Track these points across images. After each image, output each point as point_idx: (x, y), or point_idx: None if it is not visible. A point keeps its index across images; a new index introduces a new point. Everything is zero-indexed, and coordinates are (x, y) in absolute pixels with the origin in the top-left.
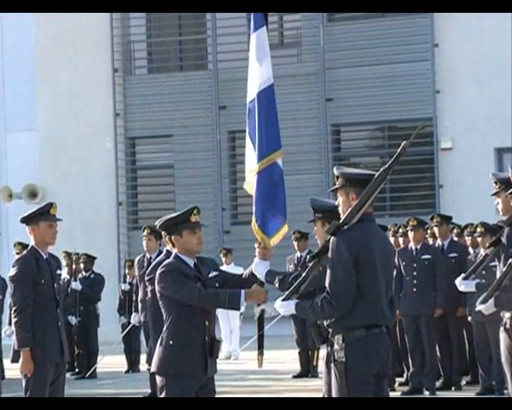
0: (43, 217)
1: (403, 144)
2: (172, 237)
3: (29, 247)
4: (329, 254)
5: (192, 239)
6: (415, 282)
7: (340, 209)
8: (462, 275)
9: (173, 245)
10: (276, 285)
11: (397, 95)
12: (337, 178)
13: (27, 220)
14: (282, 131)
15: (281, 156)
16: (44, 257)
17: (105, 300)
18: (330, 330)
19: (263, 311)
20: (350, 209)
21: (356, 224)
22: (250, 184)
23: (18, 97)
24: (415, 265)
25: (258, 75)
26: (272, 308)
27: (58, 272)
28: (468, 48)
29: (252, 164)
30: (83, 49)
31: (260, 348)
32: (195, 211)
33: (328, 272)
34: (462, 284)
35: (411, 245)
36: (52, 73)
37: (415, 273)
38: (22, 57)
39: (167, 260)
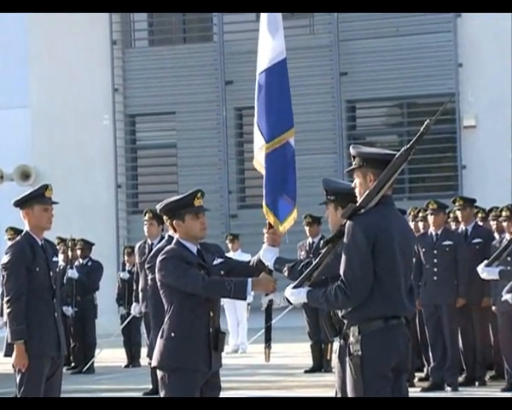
0: (38, 200)
1: (426, 122)
2: (174, 222)
3: (23, 232)
4: (345, 240)
5: (195, 224)
6: (435, 270)
7: (357, 192)
8: (485, 262)
9: (175, 230)
10: (285, 273)
11: (417, 69)
12: (354, 157)
13: (21, 204)
14: (293, 108)
15: (293, 135)
16: (40, 243)
17: (103, 289)
18: (345, 321)
19: (271, 301)
20: (367, 192)
21: (374, 207)
22: (259, 162)
23: (9, 72)
24: (435, 251)
25: (269, 48)
26: (281, 298)
27: (54, 259)
28: (493, 18)
29: (258, 144)
30: (79, 19)
31: (268, 341)
32: (199, 194)
33: (343, 258)
34: (485, 272)
35: (431, 230)
36: (46, 46)
37: (435, 260)
38: (13, 28)
39: (168, 247)
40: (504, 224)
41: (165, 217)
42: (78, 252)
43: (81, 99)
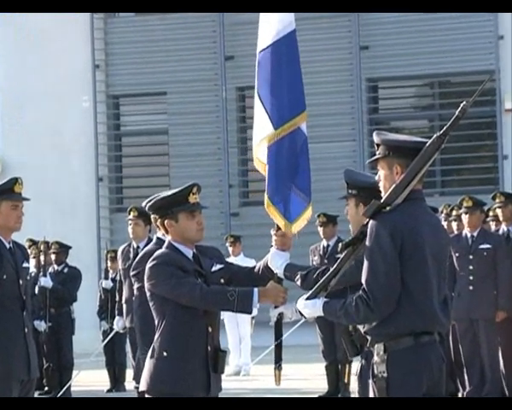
0: (5, 196)
1: (462, 105)
2: (165, 222)
3: None
4: (367, 242)
5: (190, 224)
6: (471, 278)
7: (381, 185)
8: None
9: (166, 231)
10: (298, 282)
11: (450, 42)
12: (377, 146)
13: None
14: (305, 88)
15: (305, 120)
16: (7, 246)
17: (82, 300)
18: (369, 337)
19: (281, 315)
20: (394, 186)
21: (401, 204)
22: (260, 160)
23: None
24: (471, 256)
25: (276, 19)
26: (293, 311)
27: (24, 265)
28: None
29: (264, 131)
30: None
31: (278, 360)
32: (195, 189)
33: (366, 264)
34: None
35: (467, 231)
36: (15, 15)
37: (471, 267)
38: None
39: (159, 251)
40: None
41: (153, 216)
42: (53, 257)
43: (56, 77)
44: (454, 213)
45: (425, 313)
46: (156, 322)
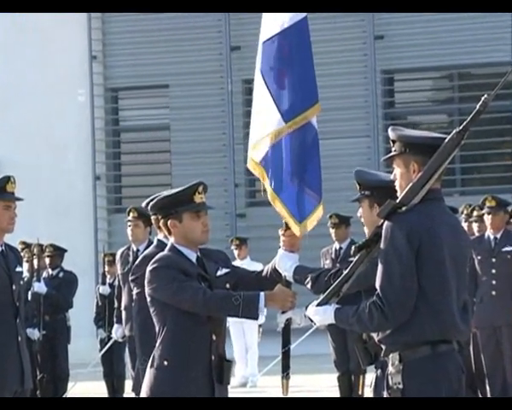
0: None
1: (483, 98)
2: (169, 222)
3: None
4: (382, 245)
5: (195, 226)
6: (494, 282)
7: (397, 184)
8: None
9: (169, 232)
10: (308, 286)
11: (470, 31)
12: (393, 142)
13: None
14: (316, 80)
15: (318, 112)
16: None
17: (78, 307)
18: (383, 346)
19: (289, 320)
20: (410, 185)
21: (418, 204)
22: (255, 161)
23: None
24: (493, 260)
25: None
26: (302, 317)
27: (18, 269)
28: None
29: (270, 125)
30: None
31: (285, 369)
32: (201, 188)
33: (380, 267)
34: None
35: (489, 233)
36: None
37: (493, 271)
38: None
39: (161, 253)
40: None
41: (154, 216)
42: (47, 260)
43: (51, 69)
44: (475, 213)
45: (443, 321)
46: (157, 329)
